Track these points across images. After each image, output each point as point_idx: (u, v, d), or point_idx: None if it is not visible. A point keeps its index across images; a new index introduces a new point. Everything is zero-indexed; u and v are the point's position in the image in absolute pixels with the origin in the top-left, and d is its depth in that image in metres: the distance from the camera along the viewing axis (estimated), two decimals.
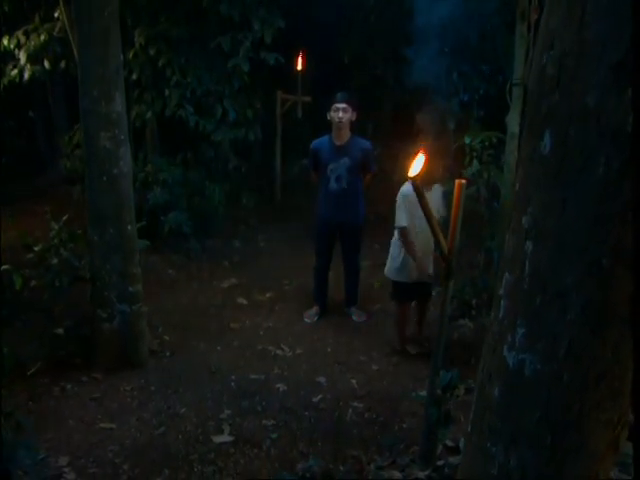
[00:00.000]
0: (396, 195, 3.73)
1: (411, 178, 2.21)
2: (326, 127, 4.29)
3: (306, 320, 4.46)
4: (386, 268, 3.94)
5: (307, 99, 7.01)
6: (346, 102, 4.04)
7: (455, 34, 8.46)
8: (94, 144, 3.33)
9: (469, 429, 1.40)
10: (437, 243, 2.45)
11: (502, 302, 1.20)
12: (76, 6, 3.20)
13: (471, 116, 8.97)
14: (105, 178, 3.38)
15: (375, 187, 5.44)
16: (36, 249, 3.58)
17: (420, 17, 8.64)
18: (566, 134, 0.99)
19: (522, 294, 1.13)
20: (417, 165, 2.24)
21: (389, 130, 10.50)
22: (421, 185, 3.38)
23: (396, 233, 3.76)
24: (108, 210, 3.46)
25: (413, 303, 4.06)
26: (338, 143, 4.13)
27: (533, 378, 1.16)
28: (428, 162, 3.34)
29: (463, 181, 2.32)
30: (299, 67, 6.71)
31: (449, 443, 2.92)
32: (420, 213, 3.45)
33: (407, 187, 3.54)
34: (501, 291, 1.20)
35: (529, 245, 1.10)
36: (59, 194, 7.68)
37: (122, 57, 3.43)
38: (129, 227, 3.53)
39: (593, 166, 0.96)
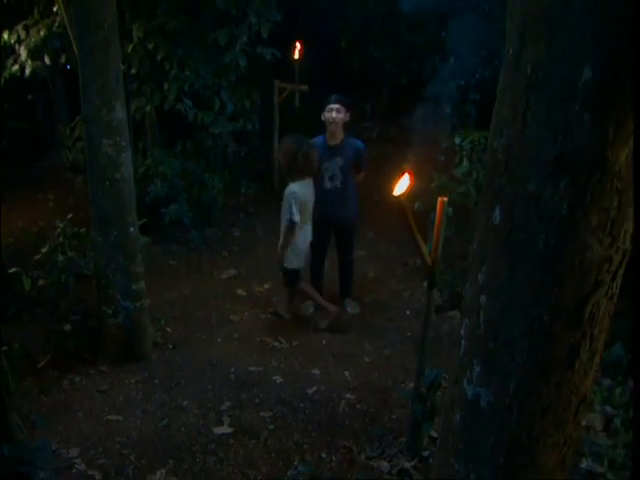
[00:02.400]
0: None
1: (396, 197, 2.36)
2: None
3: (302, 312, 4.64)
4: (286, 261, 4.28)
5: (304, 87, 7.09)
6: (339, 103, 4.16)
7: (452, 17, 8.47)
8: (96, 151, 3.46)
9: (437, 444, 1.59)
10: (421, 254, 2.61)
11: (462, 342, 1.37)
12: (77, 18, 3.30)
13: (466, 100, 9.03)
14: (108, 183, 3.53)
15: (371, 174, 5.57)
16: (43, 250, 3.73)
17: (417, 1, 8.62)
18: (512, 212, 1.14)
19: (478, 338, 1.31)
20: (402, 185, 2.38)
21: (387, 112, 10.58)
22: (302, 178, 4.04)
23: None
24: (111, 213, 3.61)
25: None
26: (332, 143, 4.27)
27: (488, 409, 1.34)
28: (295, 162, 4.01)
29: (445, 199, 2.47)
30: (296, 57, 6.77)
31: (434, 434, 3.13)
32: (308, 208, 4.09)
33: (294, 185, 4.07)
34: (462, 332, 1.38)
35: (483, 298, 1.26)
36: (61, 181, 7.80)
37: (121, 64, 3.53)
38: (131, 229, 3.68)
39: (534, 241, 1.12)
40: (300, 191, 4.09)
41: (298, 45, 6.73)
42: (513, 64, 1.08)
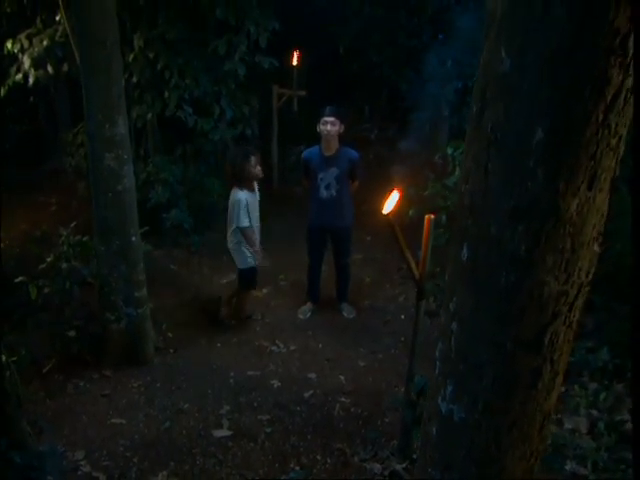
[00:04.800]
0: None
1: (385, 215, 2.48)
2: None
3: (300, 316, 4.78)
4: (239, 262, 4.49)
5: (302, 93, 7.20)
6: (334, 116, 4.28)
7: (449, 22, 8.57)
8: (99, 164, 3.59)
9: (418, 454, 1.72)
10: (410, 268, 2.73)
11: (437, 363, 1.51)
12: (79, 37, 3.42)
13: (464, 103, 9.13)
14: (110, 194, 3.66)
15: (369, 177, 5.70)
16: (48, 260, 3.86)
17: (414, 6, 8.72)
18: (477, 251, 1.27)
19: (450, 361, 1.44)
20: (390, 203, 2.50)
21: (385, 114, 10.68)
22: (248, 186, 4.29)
23: (232, 232, 4.38)
24: (113, 223, 3.74)
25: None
26: (327, 154, 4.39)
27: (460, 424, 1.47)
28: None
29: (432, 216, 2.59)
30: (294, 63, 6.88)
31: None
32: (256, 214, 4.43)
33: (239, 193, 4.26)
34: (437, 354, 1.51)
35: (454, 325, 1.39)
36: (63, 184, 7.88)
37: (123, 80, 3.65)
38: (133, 238, 3.81)
39: (497, 277, 1.25)
40: (248, 198, 4.32)
41: (296, 52, 6.84)
42: (476, 121, 1.21)
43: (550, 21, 1.03)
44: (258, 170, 4.33)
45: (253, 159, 4.27)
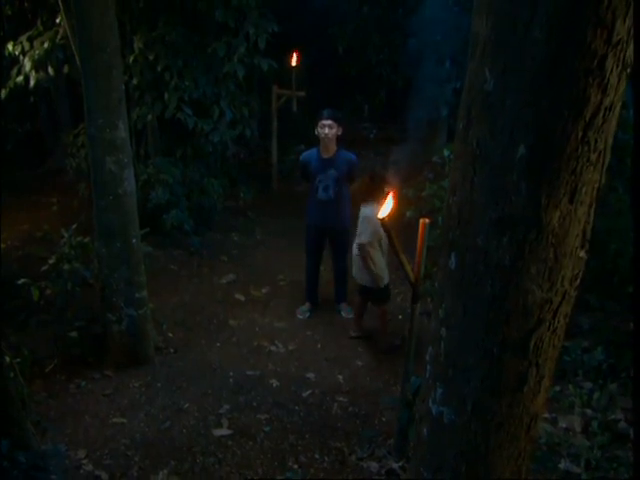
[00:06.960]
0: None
1: (381, 219, 2.53)
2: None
3: (298, 316, 4.83)
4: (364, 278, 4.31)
5: (301, 93, 7.25)
6: (331, 118, 4.34)
7: (447, 22, 8.60)
8: (101, 167, 3.64)
9: (411, 454, 1.78)
10: (405, 272, 2.78)
11: (428, 367, 1.56)
12: (80, 42, 3.47)
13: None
14: (111, 198, 3.71)
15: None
16: (50, 262, 3.92)
17: (412, 5, 8.76)
18: (464, 260, 1.33)
19: (440, 365, 1.49)
20: (386, 207, 2.55)
21: (384, 113, 10.74)
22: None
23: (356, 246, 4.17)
24: (114, 226, 3.79)
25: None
26: (325, 156, 4.45)
27: (450, 425, 1.52)
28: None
29: (427, 220, 2.64)
30: (293, 63, 6.93)
31: None
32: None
33: (368, 209, 4.04)
34: (427, 358, 1.56)
35: (444, 331, 1.45)
36: (64, 184, 7.93)
37: (123, 85, 3.70)
38: (134, 241, 3.86)
39: (483, 285, 1.30)
40: (372, 213, 4.05)
41: (295, 52, 6.90)
42: (462, 137, 1.26)
43: (531, 43, 1.08)
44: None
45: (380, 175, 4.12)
